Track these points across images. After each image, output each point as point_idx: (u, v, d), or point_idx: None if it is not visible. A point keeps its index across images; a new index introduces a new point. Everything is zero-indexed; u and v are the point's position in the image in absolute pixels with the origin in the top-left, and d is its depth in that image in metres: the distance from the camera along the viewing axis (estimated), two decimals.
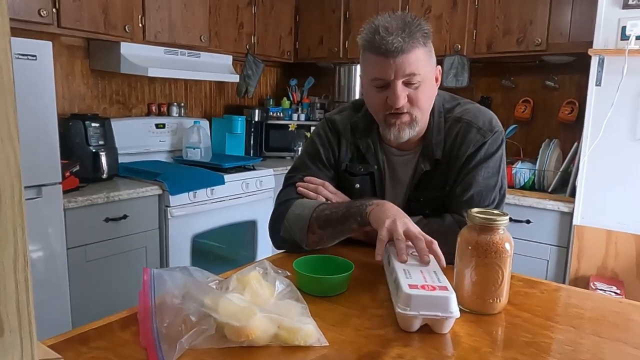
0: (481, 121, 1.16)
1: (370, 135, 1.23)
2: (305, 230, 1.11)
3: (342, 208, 1.09)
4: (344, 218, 1.08)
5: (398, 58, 1.04)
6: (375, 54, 1.06)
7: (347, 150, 1.25)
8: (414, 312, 0.76)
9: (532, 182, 2.58)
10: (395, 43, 1.02)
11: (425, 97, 1.11)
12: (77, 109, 2.69)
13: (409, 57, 1.04)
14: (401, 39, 1.02)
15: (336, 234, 1.11)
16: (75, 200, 2.09)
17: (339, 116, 1.29)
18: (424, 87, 1.09)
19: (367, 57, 1.10)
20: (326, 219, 1.10)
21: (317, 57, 3.55)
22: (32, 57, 1.85)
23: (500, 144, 1.17)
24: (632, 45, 2.06)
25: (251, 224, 2.95)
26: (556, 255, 2.41)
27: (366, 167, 1.23)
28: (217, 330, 0.71)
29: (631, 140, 2.16)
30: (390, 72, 1.05)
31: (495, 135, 1.16)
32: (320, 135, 1.28)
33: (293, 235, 1.14)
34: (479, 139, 1.14)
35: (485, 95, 3.13)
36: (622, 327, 0.84)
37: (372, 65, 1.08)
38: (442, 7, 2.93)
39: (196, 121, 3.06)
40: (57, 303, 2.04)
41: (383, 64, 1.05)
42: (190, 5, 2.81)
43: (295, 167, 1.28)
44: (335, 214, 1.09)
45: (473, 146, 1.14)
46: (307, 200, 1.18)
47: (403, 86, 1.07)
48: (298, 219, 1.13)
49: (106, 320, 0.79)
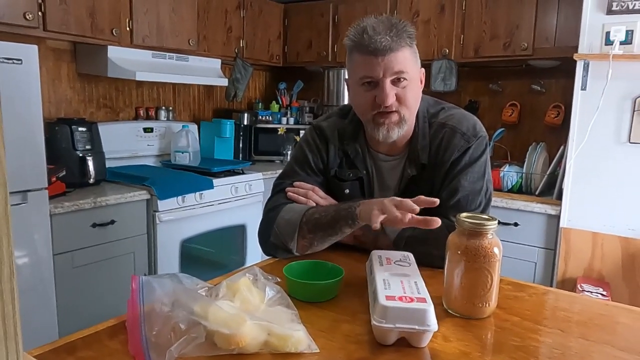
0: (465, 126, 1.17)
1: (358, 141, 1.23)
2: (295, 235, 1.11)
3: (332, 211, 1.09)
4: (334, 221, 1.07)
5: (386, 56, 1.05)
6: (363, 54, 1.08)
7: (336, 156, 1.25)
8: (389, 324, 0.74)
9: (520, 185, 2.60)
10: (383, 42, 1.04)
11: (413, 96, 1.12)
12: (64, 113, 2.66)
13: (397, 55, 1.06)
14: (389, 37, 1.04)
15: (326, 237, 1.10)
16: (62, 205, 2.07)
17: (326, 122, 1.30)
18: (411, 86, 1.10)
19: (355, 57, 1.11)
20: (316, 222, 1.09)
21: (306, 61, 3.56)
22: (17, 61, 1.83)
23: (484, 148, 1.18)
24: (616, 50, 2.10)
25: (240, 228, 2.94)
26: (544, 257, 2.43)
27: (355, 173, 1.23)
28: (207, 338, 0.71)
29: (616, 143, 2.20)
30: (379, 70, 1.06)
31: (479, 140, 1.17)
32: (309, 142, 1.28)
33: (283, 240, 1.13)
34: (463, 144, 1.15)
35: (472, 99, 3.16)
36: (609, 330, 0.85)
37: (361, 65, 1.09)
38: (430, 11, 2.96)
39: (185, 125, 3.04)
40: (44, 310, 2.01)
41: (372, 62, 1.07)
42: (179, 8, 2.79)
43: (284, 174, 1.28)
44: (325, 217, 1.09)
45: (457, 151, 1.15)
46: (296, 205, 1.17)
47: (391, 85, 1.08)
48: (288, 224, 1.13)
49: (94, 329, 0.78)
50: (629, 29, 2.09)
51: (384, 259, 0.95)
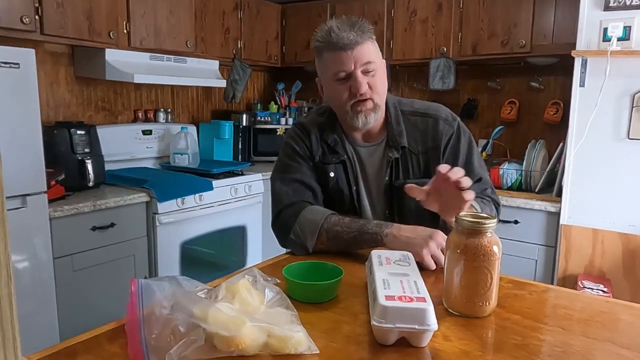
0: (443, 114, 1.32)
1: (336, 132, 1.34)
2: (314, 238, 1.19)
3: (354, 230, 1.16)
4: (355, 241, 1.16)
5: (355, 50, 1.18)
6: (333, 51, 1.19)
7: (318, 145, 1.34)
8: (389, 324, 0.73)
9: (519, 183, 2.60)
10: (350, 37, 1.17)
11: (381, 84, 1.24)
12: (62, 116, 2.66)
13: (363, 48, 1.19)
14: (354, 32, 1.17)
15: (344, 249, 1.18)
16: (61, 209, 2.06)
17: (306, 119, 1.41)
18: (379, 74, 1.23)
19: (326, 56, 1.22)
20: (337, 235, 1.18)
21: (304, 61, 3.55)
22: (15, 65, 1.83)
23: (467, 131, 1.33)
24: (613, 47, 2.09)
25: (240, 229, 2.94)
26: (544, 254, 2.43)
27: (337, 157, 1.33)
28: (206, 341, 0.70)
29: (615, 140, 2.19)
30: (350, 63, 1.18)
31: (459, 124, 1.32)
32: (292, 136, 1.38)
33: (303, 239, 1.20)
34: (448, 128, 1.30)
35: (471, 97, 3.16)
36: (611, 327, 0.85)
37: (332, 62, 1.21)
38: (427, 10, 2.95)
39: (183, 127, 3.04)
40: (44, 314, 2.01)
41: (342, 57, 1.18)
42: (176, 10, 2.79)
43: (278, 169, 1.36)
44: (347, 233, 1.17)
45: (445, 135, 1.29)
46: (319, 208, 1.27)
47: (362, 75, 1.19)
48: (309, 225, 1.20)
49: (93, 333, 0.77)
50: (626, 25, 2.09)
51: (384, 259, 0.95)
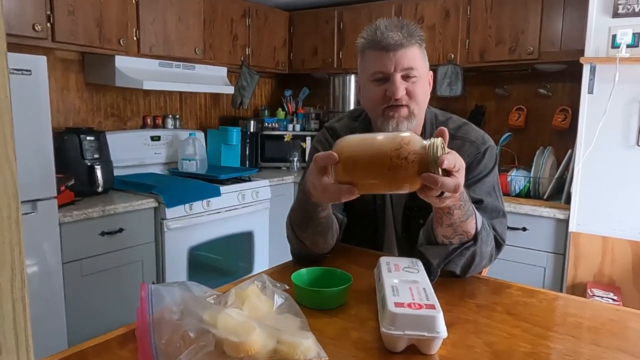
0: (474, 136, 1.21)
1: None
2: (296, 240, 1.12)
3: (299, 204, 1.09)
4: (307, 214, 1.06)
5: (398, 52, 1.10)
6: (375, 50, 1.12)
7: None
8: (398, 332, 0.73)
9: (528, 190, 2.59)
10: (395, 37, 1.09)
11: (422, 93, 1.14)
12: (72, 122, 2.69)
13: (407, 52, 1.10)
14: (400, 34, 1.09)
15: (316, 229, 1.08)
16: (71, 214, 2.08)
17: (338, 124, 1.33)
18: (420, 83, 1.13)
19: (367, 54, 1.15)
20: (297, 220, 1.11)
21: (311, 67, 3.57)
22: (27, 72, 1.85)
23: (495, 158, 1.20)
24: (622, 54, 2.09)
25: (248, 235, 2.94)
26: (553, 262, 2.41)
27: None
28: (216, 346, 0.70)
29: (624, 147, 2.18)
30: (390, 65, 1.10)
31: (490, 149, 1.19)
32: (321, 141, 1.31)
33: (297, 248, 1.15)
34: (473, 150, 1.18)
35: (479, 104, 3.15)
36: (621, 336, 0.84)
37: (373, 61, 1.13)
38: (435, 17, 2.96)
39: (191, 133, 3.06)
40: (53, 319, 2.02)
41: (383, 57, 1.11)
42: (185, 18, 2.82)
43: (305, 175, 1.29)
44: (299, 212, 1.10)
45: (468, 156, 1.15)
46: None
47: (402, 79, 1.11)
48: (290, 232, 1.15)
49: (104, 338, 0.78)
50: (635, 32, 2.08)
51: (392, 266, 0.95)
